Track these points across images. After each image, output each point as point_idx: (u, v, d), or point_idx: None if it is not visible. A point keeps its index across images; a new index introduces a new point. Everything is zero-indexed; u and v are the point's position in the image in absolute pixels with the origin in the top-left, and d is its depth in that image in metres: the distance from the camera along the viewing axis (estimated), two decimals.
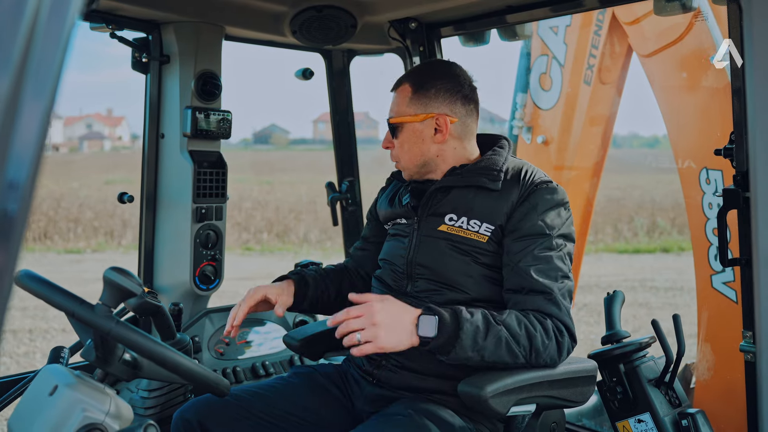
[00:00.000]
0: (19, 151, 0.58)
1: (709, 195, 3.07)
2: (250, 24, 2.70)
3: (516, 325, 1.67)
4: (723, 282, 3.02)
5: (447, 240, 1.88)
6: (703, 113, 3.11)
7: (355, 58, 3.22)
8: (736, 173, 2.06)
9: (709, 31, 3.01)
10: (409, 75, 2.01)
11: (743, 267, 2.12)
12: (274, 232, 16.10)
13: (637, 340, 2.21)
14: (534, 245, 1.78)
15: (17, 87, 0.57)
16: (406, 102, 1.94)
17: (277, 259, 12.96)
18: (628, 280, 10.28)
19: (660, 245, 14.12)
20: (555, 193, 1.85)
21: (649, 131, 63.25)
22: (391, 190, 2.16)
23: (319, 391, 1.96)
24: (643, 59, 3.42)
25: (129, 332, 1.35)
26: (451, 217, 1.89)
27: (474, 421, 1.82)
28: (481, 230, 1.85)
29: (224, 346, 2.66)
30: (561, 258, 1.79)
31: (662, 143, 33.65)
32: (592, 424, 2.82)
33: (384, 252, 2.06)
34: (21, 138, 0.58)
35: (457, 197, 1.91)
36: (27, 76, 0.57)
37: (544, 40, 3.99)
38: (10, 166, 0.58)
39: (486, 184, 1.87)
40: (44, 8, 0.58)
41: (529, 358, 1.69)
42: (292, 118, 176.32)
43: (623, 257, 12.90)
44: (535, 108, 4.11)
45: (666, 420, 2.10)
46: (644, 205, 17.82)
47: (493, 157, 1.94)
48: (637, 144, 34.82)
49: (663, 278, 10.48)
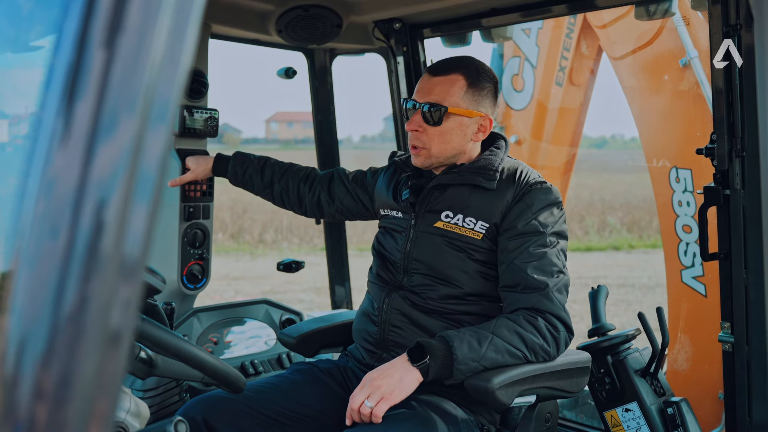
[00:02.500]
0: (144, 179, 0.60)
1: (678, 193, 3.19)
2: (237, 22, 2.69)
3: (507, 332, 1.73)
4: (692, 277, 3.15)
5: (443, 236, 1.93)
6: (672, 114, 3.23)
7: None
8: (716, 172, 2.15)
9: (678, 35, 3.13)
10: (460, 66, 1.95)
11: (722, 261, 2.22)
12: (229, 232, 15.89)
13: (624, 332, 2.30)
14: (529, 243, 1.84)
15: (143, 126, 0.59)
16: (461, 94, 1.92)
17: (233, 259, 12.81)
18: (581, 277, 10.51)
19: (610, 243, 14.47)
20: (549, 192, 1.91)
21: (597, 132, 64.68)
22: (391, 176, 2.17)
23: (320, 387, 1.98)
24: (614, 62, 3.53)
25: (154, 329, 1.35)
26: (447, 214, 1.93)
27: (474, 412, 1.87)
28: (476, 227, 1.90)
29: (212, 345, 2.65)
30: (555, 254, 1.85)
31: (610, 144, 34.51)
32: (573, 416, 2.90)
33: (379, 243, 2.09)
34: (145, 166, 0.60)
35: (454, 195, 1.95)
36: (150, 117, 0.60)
37: (517, 42, 4.08)
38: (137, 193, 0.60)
39: (482, 183, 1.92)
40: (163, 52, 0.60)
41: (528, 355, 1.75)
42: (244, 118, 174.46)
43: (576, 255, 13.17)
44: (507, 108, 4.19)
45: (652, 408, 2.19)
46: (594, 204, 18.24)
47: (490, 157, 1.98)
48: (586, 144, 35.67)
49: (615, 275, 10.75)
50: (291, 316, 2.86)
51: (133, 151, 0.58)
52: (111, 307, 0.58)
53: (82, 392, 0.56)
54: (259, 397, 1.91)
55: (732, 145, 2.11)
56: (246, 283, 9.96)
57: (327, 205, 2.35)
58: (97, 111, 0.56)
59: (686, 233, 3.15)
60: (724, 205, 2.14)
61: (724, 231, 2.16)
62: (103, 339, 0.57)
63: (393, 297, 1.96)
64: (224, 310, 2.76)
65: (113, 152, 0.57)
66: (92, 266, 0.56)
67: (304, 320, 2.48)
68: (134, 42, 0.57)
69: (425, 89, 1.95)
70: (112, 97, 0.57)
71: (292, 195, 2.38)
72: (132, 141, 0.57)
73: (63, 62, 0.57)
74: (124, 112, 0.57)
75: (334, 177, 2.36)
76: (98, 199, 0.56)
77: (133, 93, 0.57)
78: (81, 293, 0.56)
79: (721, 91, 2.11)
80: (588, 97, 4.03)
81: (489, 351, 1.70)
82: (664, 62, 3.23)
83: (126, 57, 0.57)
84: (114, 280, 0.58)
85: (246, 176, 2.38)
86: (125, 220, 0.58)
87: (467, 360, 1.68)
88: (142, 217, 0.59)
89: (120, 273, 0.58)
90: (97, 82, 0.56)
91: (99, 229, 0.57)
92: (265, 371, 2.64)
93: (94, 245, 0.57)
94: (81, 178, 0.56)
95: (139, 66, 0.57)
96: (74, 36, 0.57)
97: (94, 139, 0.56)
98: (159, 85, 0.59)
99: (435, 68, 1.97)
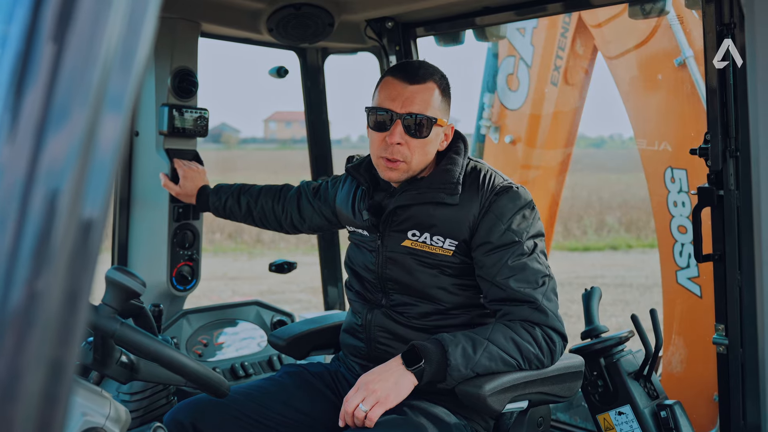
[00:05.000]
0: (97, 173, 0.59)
1: (674, 193, 3.17)
2: (227, 21, 2.67)
3: (503, 340, 1.68)
4: (688, 278, 3.13)
5: (412, 255, 1.85)
6: (668, 114, 3.21)
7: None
8: (710, 172, 2.13)
9: (673, 34, 3.11)
10: (432, 73, 1.85)
11: (716, 262, 2.19)
12: (227, 232, 15.86)
13: (617, 334, 2.27)
14: (506, 255, 1.75)
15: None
16: (438, 103, 1.84)
17: (230, 259, 12.79)
18: (579, 277, 10.50)
19: (608, 243, 14.47)
20: (517, 197, 1.81)
21: (595, 132, 64.68)
22: (350, 188, 2.08)
23: (311, 391, 1.96)
24: (609, 61, 3.51)
25: (134, 333, 1.32)
26: (413, 233, 1.86)
27: (467, 418, 1.84)
28: (446, 245, 1.82)
29: (202, 347, 2.63)
30: (536, 259, 1.78)
31: (608, 144, 34.51)
32: (567, 417, 2.88)
33: (351, 261, 2.03)
34: (99, 160, 0.59)
35: (417, 213, 1.86)
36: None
37: (512, 41, 4.05)
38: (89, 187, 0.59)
39: (444, 200, 1.82)
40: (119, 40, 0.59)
41: (522, 364, 1.71)
42: (242, 117, 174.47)
43: (574, 255, 13.17)
44: (502, 108, 4.17)
45: (646, 411, 2.16)
46: (592, 204, 18.24)
47: (449, 167, 1.86)
48: (584, 144, 35.67)
49: (612, 275, 10.75)
50: (282, 317, 2.83)
51: (84, 141, 0.56)
52: (62, 302, 0.56)
53: (33, 388, 0.55)
54: (247, 401, 1.88)
55: (726, 145, 2.08)
56: (243, 283, 9.94)
57: (300, 224, 2.33)
58: (47, 102, 0.55)
59: (681, 234, 3.13)
60: (718, 205, 2.12)
61: (718, 232, 2.14)
62: (54, 335, 0.56)
63: (375, 314, 1.91)
64: (214, 311, 2.73)
65: (64, 143, 0.56)
66: (42, 260, 0.55)
67: (295, 322, 2.45)
68: (86, 32, 0.55)
69: (402, 98, 1.80)
70: (62, 88, 0.56)
71: (270, 218, 2.38)
72: (84, 132, 0.56)
73: (11, 53, 0.55)
74: (76, 103, 0.56)
75: (301, 195, 2.32)
76: (49, 191, 0.55)
77: (85, 84, 0.56)
78: (30, 288, 0.55)
79: (715, 90, 2.09)
80: (583, 97, 4.00)
81: (483, 358, 1.66)
82: (659, 61, 3.21)
83: (77, 48, 0.55)
84: (66, 274, 0.56)
85: (227, 207, 2.43)
86: (77, 212, 0.57)
87: (460, 367, 1.65)
88: (96, 208, 0.58)
89: (72, 266, 0.56)
90: (46, 73, 0.55)
91: (49, 221, 0.56)
92: (256, 373, 2.62)
93: (44, 238, 0.55)
94: (30, 169, 0.55)
95: (91, 56, 0.56)
96: (23, 26, 0.55)
97: (44, 131, 0.55)
98: (113, 75, 0.57)
99: (410, 75, 1.83)
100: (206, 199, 2.48)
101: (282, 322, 2.79)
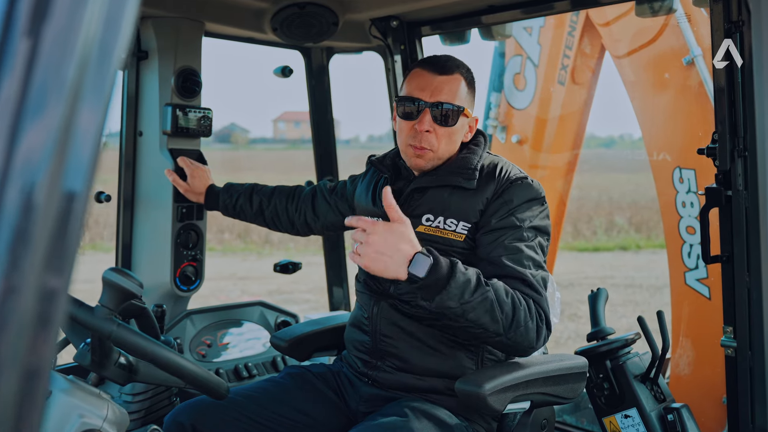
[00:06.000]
0: (76, 165, 0.58)
1: (682, 194, 3.14)
2: (231, 20, 2.66)
3: (503, 293, 1.63)
4: (696, 279, 3.09)
5: (425, 241, 1.82)
6: (676, 113, 3.17)
7: None
8: (718, 172, 2.10)
9: (681, 32, 3.08)
10: (459, 65, 1.93)
11: (724, 264, 2.16)
12: (236, 232, 15.90)
13: (623, 336, 2.24)
14: (504, 236, 1.76)
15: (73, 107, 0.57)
16: (464, 94, 1.91)
17: (239, 259, 12.81)
18: (589, 277, 10.45)
19: (618, 243, 14.39)
20: (529, 188, 1.85)
21: (605, 132, 64.38)
22: (370, 180, 2.12)
23: (312, 392, 1.94)
24: (616, 60, 3.48)
25: (131, 335, 1.31)
26: (428, 218, 1.88)
27: (470, 420, 1.82)
28: (458, 229, 1.84)
29: (206, 347, 2.62)
30: (532, 248, 1.77)
31: (618, 144, 34.33)
32: (573, 420, 2.85)
33: None
34: (77, 152, 0.58)
35: (433, 197, 1.90)
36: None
37: (518, 40, 4.03)
38: (67, 178, 0.57)
39: (461, 183, 1.86)
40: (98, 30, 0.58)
41: (508, 329, 1.63)
42: (251, 117, 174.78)
43: (584, 255, 13.10)
44: (509, 107, 4.14)
45: (652, 415, 2.14)
46: (602, 204, 18.15)
47: (469, 155, 1.92)
48: (594, 144, 35.49)
49: (622, 275, 10.68)
50: (286, 318, 2.82)
51: (61, 135, 0.55)
52: (38, 298, 0.55)
53: (7, 388, 0.54)
54: (249, 402, 1.87)
55: (734, 144, 2.05)
56: (252, 283, 9.94)
57: (313, 222, 2.37)
58: (23, 96, 0.55)
59: (690, 234, 3.09)
60: (726, 206, 2.09)
61: (726, 233, 2.11)
62: (30, 331, 0.55)
63: (381, 305, 1.91)
64: (218, 312, 2.72)
65: (40, 137, 0.55)
66: (18, 255, 0.54)
67: (298, 323, 2.44)
68: (62, 26, 0.54)
69: (431, 88, 1.87)
70: (38, 81, 0.54)
71: (282, 217, 2.41)
72: (60, 126, 0.55)
73: None
74: (52, 97, 0.55)
75: (316, 193, 2.37)
76: (26, 184, 0.55)
77: (61, 77, 0.55)
78: (5, 283, 0.53)
79: (723, 89, 2.05)
80: (591, 96, 3.97)
81: (475, 301, 1.58)
82: (667, 60, 3.17)
83: (53, 42, 0.54)
84: (42, 270, 0.55)
85: (237, 206, 2.44)
86: (53, 206, 0.56)
87: (453, 297, 1.56)
88: (74, 203, 0.57)
89: (49, 262, 0.55)
90: (21, 67, 0.54)
91: (26, 215, 0.55)
92: (260, 374, 2.61)
93: (19, 233, 0.54)
94: (5, 163, 0.54)
95: (68, 51, 0.55)
96: None
97: (20, 125, 0.54)
98: (91, 68, 0.56)
99: (438, 66, 1.90)
100: (215, 198, 2.49)
101: (286, 323, 2.78)
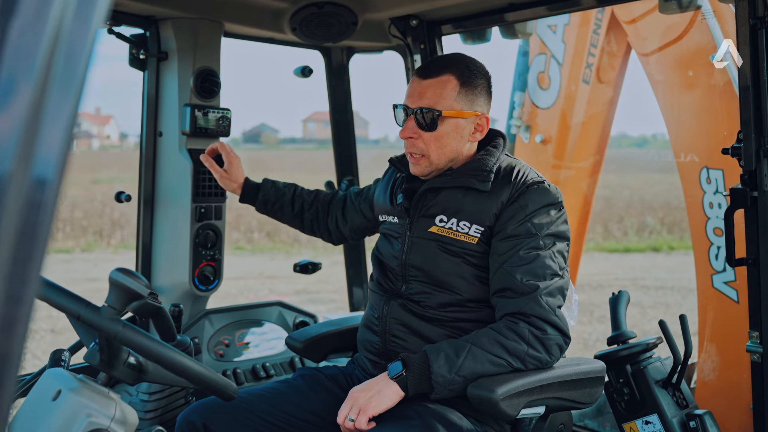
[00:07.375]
0: (45, 154, 0.56)
1: (709, 194, 3.06)
2: (250, 21, 2.66)
3: (486, 341, 1.69)
4: (724, 282, 3.01)
5: (437, 241, 1.87)
6: (703, 112, 3.10)
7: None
8: (743, 172, 2.04)
9: (709, 29, 3.00)
10: (450, 66, 1.89)
11: (750, 267, 2.10)
12: (265, 231, 16.00)
13: (644, 340, 2.20)
14: (520, 246, 1.76)
15: (42, 90, 0.56)
16: (453, 95, 1.86)
17: (268, 258, 12.89)
18: (619, 279, 10.31)
19: (650, 244, 14.16)
20: (546, 193, 1.82)
21: (637, 131, 63.44)
22: (389, 179, 2.12)
23: (325, 394, 1.94)
24: (642, 58, 3.41)
25: (136, 335, 1.31)
26: (441, 218, 1.87)
27: (482, 423, 1.80)
28: (471, 232, 1.83)
29: (224, 347, 2.63)
30: (550, 256, 1.77)
31: (651, 143, 33.83)
32: (595, 425, 2.80)
33: (379, 251, 2.05)
34: (47, 140, 0.57)
35: (447, 198, 1.89)
36: (52, 80, 0.56)
37: (543, 38, 3.97)
38: (36, 167, 0.56)
39: (475, 185, 1.85)
40: (69, 14, 0.56)
41: (515, 365, 1.69)
42: (281, 117, 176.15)
43: (614, 256, 12.93)
44: (533, 107, 4.09)
45: (674, 421, 2.08)
46: (633, 204, 17.89)
47: (485, 157, 1.90)
48: (626, 144, 34.96)
49: (653, 277, 10.51)
50: (305, 318, 2.82)
51: (29, 124, 0.54)
52: (4, 294, 0.54)
53: None
54: (261, 402, 1.88)
55: (760, 144, 2.00)
56: (280, 282, 9.99)
57: (342, 225, 2.32)
58: None
59: (717, 236, 3.02)
60: (752, 207, 2.03)
61: (752, 234, 2.05)
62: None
63: (392, 305, 1.91)
64: (237, 312, 2.73)
65: (6, 125, 0.54)
66: None
67: (315, 324, 2.43)
68: (32, 11, 0.53)
69: (416, 93, 1.87)
70: (6, 66, 0.53)
71: (321, 222, 2.34)
72: (28, 115, 0.54)
73: None
74: (20, 84, 0.53)
75: (346, 197, 2.34)
76: None
77: (30, 63, 0.54)
78: None
79: (749, 87, 2.00)
80: (617, 95, 3.90)
81: (467, 361, 1.66)
82: (694, 58, 3.10)
83: (22, 28, 0.53)
84: (9, 262, 0.54)
85: (276, 206, 2.33)
86: (21, 198, 0.55)
87: (443, 372, 1.66)
88: (44, 194, 0.56)
89: (16, 254, 0.54)
90: None
91: None
92: (277, 374, 2.61)
93: None
94: None
95: (37, 36, 0.54)
96: None
97: None
98: (60, 54, 0.55)
99: (424, 70, 1.90)
100: (254, 192, 2.33)
101: (304, 323, 2.78)
